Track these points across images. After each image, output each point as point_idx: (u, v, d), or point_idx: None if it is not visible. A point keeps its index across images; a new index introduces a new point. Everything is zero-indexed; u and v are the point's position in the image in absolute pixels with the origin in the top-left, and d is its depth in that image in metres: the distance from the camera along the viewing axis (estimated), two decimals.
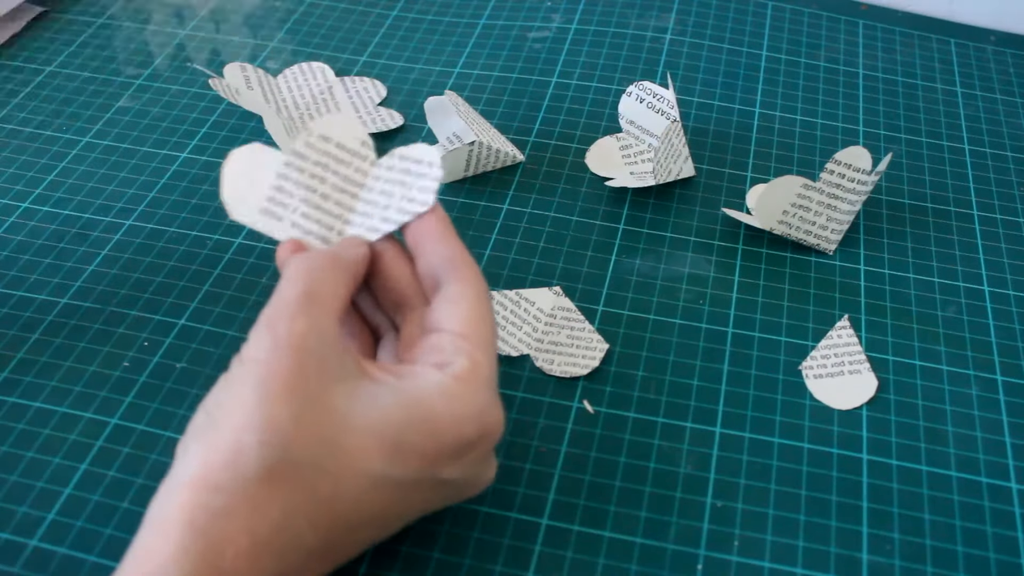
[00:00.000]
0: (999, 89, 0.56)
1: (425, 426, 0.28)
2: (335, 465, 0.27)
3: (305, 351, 0.27)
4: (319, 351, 0.28)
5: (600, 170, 0.49)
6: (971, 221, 0.47)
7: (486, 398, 0.29)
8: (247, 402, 0.26)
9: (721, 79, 0.56)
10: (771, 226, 0.44)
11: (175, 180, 0.48)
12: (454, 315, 0.30)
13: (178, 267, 0.43)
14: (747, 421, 0.38)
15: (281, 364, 0.27)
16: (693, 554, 0.34)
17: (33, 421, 0.37)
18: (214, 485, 0.26)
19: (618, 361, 0.40)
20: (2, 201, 0.47)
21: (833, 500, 0.35)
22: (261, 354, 0.27)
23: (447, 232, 0.32)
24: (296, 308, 0.28)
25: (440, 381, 0.29)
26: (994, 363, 0.40)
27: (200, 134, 0.51)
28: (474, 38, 0.58)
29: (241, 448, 0.26)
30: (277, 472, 0.26)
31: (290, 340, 0.27)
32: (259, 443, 0.26)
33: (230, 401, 0.27)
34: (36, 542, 0.33)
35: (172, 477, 0.27)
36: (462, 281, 0.31)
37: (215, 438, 0.26)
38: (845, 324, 0.42)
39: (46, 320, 0.41)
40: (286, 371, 0.27)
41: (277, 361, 0.27)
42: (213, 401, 0.28)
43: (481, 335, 0.30)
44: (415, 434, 0.28)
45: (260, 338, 0.28)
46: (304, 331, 0.28)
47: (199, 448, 0.26)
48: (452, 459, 0.29)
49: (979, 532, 0.35)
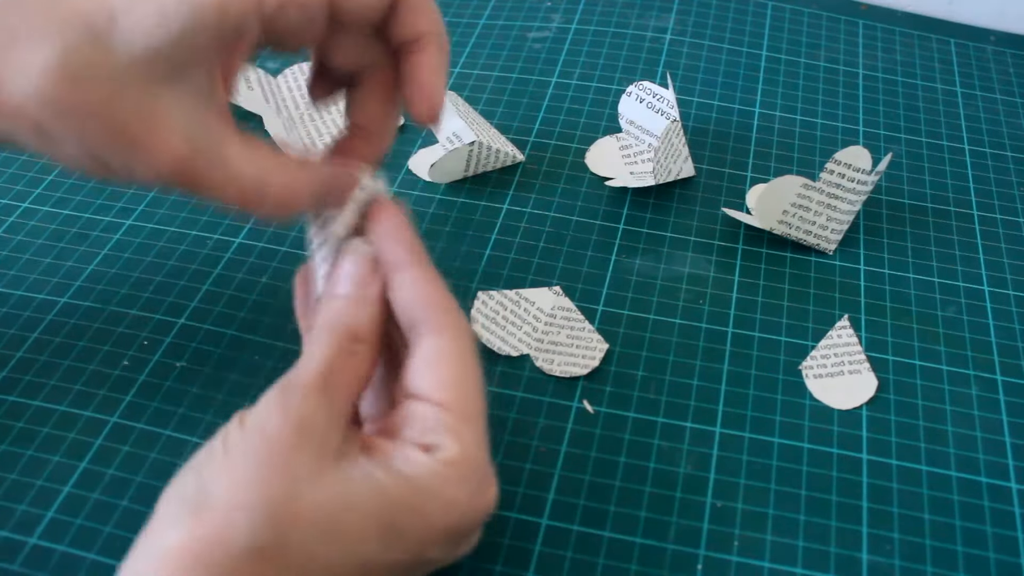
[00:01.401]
0: (999, 89, 0.56)
1: (418, 513, 0.27)
2: (328, 549, 0.26)
3: (312, 431, 0.26)
4: (326, 432, 0.27)
5: (600, 170, 0.49)
6: (971, 221, 0.47)
7: (478, 479, 0.28)
8: (244, 478, 0.25)
9: (721, 79, 0.56)
10: (771, 226, 0.44)
11: None
12: (436, 381, 0.28)
13: (178, 267, 0.43)
14: (747, 421, 0.38)
15: (285, 442, 0.26)
16: (693, 554, 0.34)
17: (33, 419, 0.37)
18: (200, 563, 0.24)
19: (618, 361, 0.40)
20: (2, 201, 0.47)
21: (833, 500, 0.35)
22: (268, 426, 0.26)
23: (424, 262, 0.30)
24: (314, 386, 0.27)
25: (430, 468, 0.27)
26: (994, 363, 0.40)
27: None
28: (474, 38, 0.58)
29: (233, 526, 0.25)
30: (268, 553, 0.25)
31: (301, 419, 0.26)
32: (251, 522, 0.25)
33: (226, 473, 0.26)
34: (35, 540, 0.33)
35: (154, 537, 0.25)
36: (441, 333, 0.29)
37: (205, 512, 0.25)
38: (845, 324, 0.41)
39: (46, 319, 0.41)
40: (289, 450, 0.26)
41: (282, 440, 0.26)
42: (207, 468, 0.26)
43: (467, 405, 0.28)
44: (409, 519, 0.27)
45: (271, 408, 0.27)
46: (315, 411, 0.27)
47: (187, 517, 0.25)
48: (441, 542, 0.28)
49: (979, 532, 0.35)
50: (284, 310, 0.41)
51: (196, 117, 0.28)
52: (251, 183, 0.28)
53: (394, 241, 0.31)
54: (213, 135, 0.28)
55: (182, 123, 0.27)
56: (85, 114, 0.26)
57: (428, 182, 0.48)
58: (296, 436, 0.26)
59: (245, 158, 0.28)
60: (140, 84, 0.26)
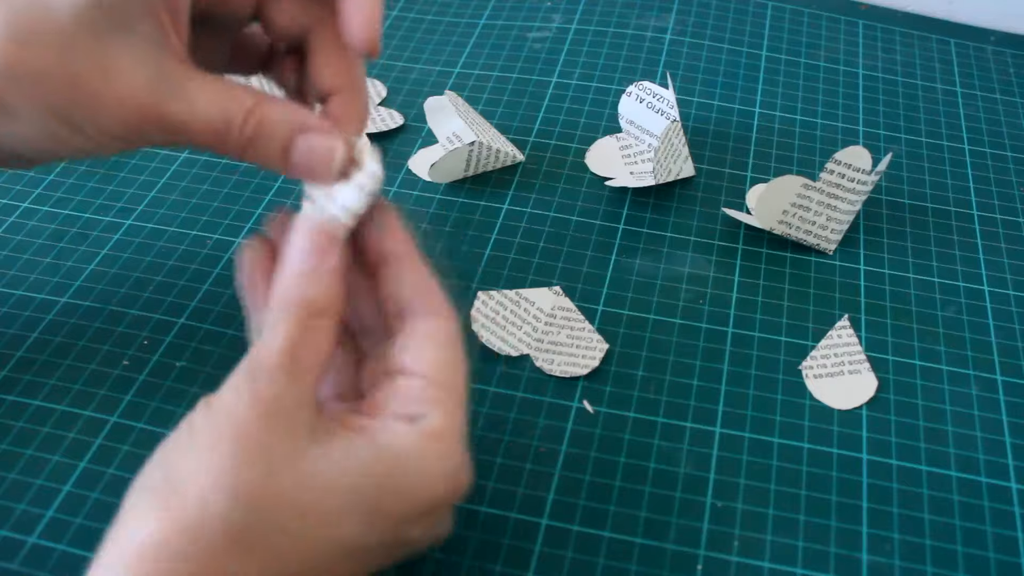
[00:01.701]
0: (999, 89, 0.56)
1: (400, 488, 0.26)
2: (307, 530, 0.25)
3: (282, 412, 0.26)
4: (295, 412, 0.26)
5: (600, 170, 0.49)
6: (971, 221, 0.47)
7: (459, 456, 0.28)
8: (215, 463, 0.25)
9: (721, 79, 0.56)
10: (771, 226, 0.44)
11: (175, 180, 0.48)
12: (424, 357, 0.28)
13: (178, 267, 0.43)
14: (747, 421, 0.38)
15: (255, 424, 0.25)
16: (693, 554, 0.34)
17: (33, 419, 0.37)
18: (176, 553, 0.24)
19: (618, 361, 0.40)
20: (2, 201, 0.47)
21: (833, 500, 0.35)
22: (236, 410, 0.26)
23: (416, 255, 0.30)
24: (279, 365, 0.26)
25: (414, 439, 0.27)
26: (994, 363, 0.40)
27: None
28: (474, 38, 0.58)
29: (207, 513, 0.24)
30: (245, 538, 0.24)
31: (269, 400, 0.26)
32: (226, 506, 0.24)
33: (195, 459, 0.25)
34: (35, 539, 0.33)
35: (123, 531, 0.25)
36: (433, 317, 0.29)
37: (175, 501, 0.24)
38: (845, 324, 0.41)
39: (46, 319, 0.41)
40: (260, 431, 0.25)
41: (252, 422, 0.25)
42: (173, 456, 0.26)
43: (453, 382, 0.28)
44: (390, 496, 0.26)
45: (239, 391, 0.26)
46: (283, 392, 0.26)
47: (155, 510, 0.24)
48: (421, 520, 0.27)
49: (979, 532, 0.35)
50: None
51: (151, 62, 0.27)
52: (218, 115, 0.28)
53: (390, 232, 0.30)
54: (172, 76, 0.28)
55: (138, 69, 0.27)
56: (40, 75, 0.26)
57: (428, 182, 0.48)
58: (266, 418, 0.25)
59: (209, 92, 0.28)
60: (88, 38, 0.27)
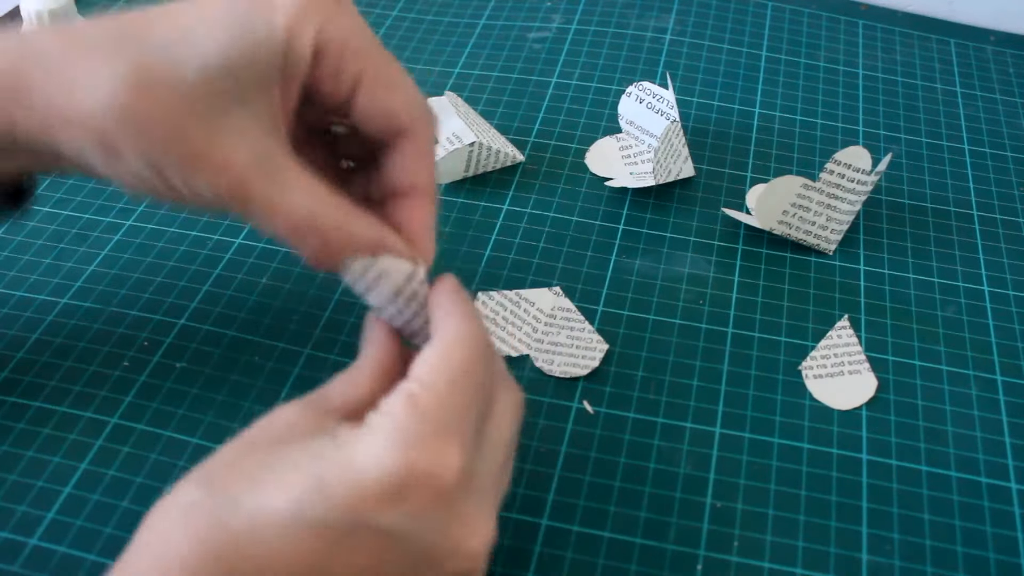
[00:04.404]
0: (999, 89, 0.56)
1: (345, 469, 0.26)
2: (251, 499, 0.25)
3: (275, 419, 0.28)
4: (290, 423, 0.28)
5: (600, 170, 0.49)
6: (971, 221, 0.47)
7: (417, 438, 0.26)
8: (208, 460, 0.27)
9: (721, 79, 0.56)
10: (771, 226, 0.44)
11: None
12: (419, 363, 0.28)
13: (178, 268, 0.43)
14: (747, 421, 0.38)
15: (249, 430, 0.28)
16: (693, 555, 0.34)
17: (33, 420, 0.37)
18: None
19: (618, 361, 0.40)
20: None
21: (833, 500, 0.35)
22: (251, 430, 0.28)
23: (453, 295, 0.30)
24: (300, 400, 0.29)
25: (373, 425, 0.26)
26: (994, 363, 0.40)
27: None
28: (474, 38, 0.58)
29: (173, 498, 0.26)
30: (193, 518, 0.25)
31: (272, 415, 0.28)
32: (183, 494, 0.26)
33: None
34: (36, 541, 0.33)
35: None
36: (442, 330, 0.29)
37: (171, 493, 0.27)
38: (845, 324, 0.42)
39: (46, 320, 0.41)
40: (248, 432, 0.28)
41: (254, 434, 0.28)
42: None
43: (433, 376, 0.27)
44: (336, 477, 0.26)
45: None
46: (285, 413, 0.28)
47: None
48: (384, 503, 0.25)
49: (979, 532, 0.35)
50: (284, 311, 0.41)
51: (259, 140, 0.28)
52: (303, 215, 0.28)
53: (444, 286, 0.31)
54: (273, 159, 0.28)
55: (245, 143, 0.28)
56: (153, 123, 0.27)
57: None
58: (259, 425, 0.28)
59: (302, 188, 0.29)
60: (208, 100, 0.27)
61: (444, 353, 0.28)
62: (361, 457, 0.26)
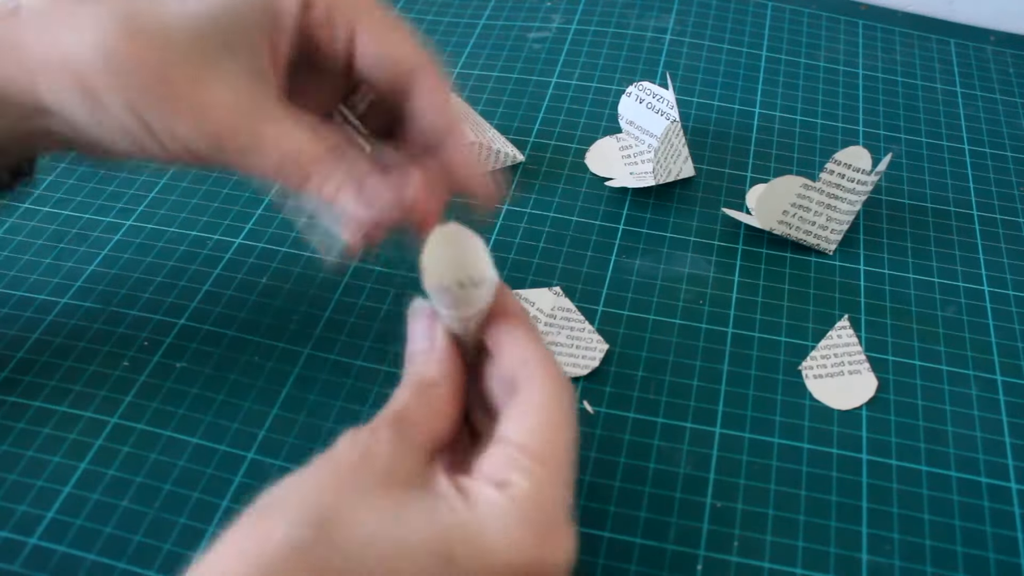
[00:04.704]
0: (999, 89, 0.56)
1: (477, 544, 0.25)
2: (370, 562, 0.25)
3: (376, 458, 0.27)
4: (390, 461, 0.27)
5: (600, 170, 0.49)
6: (971, 221, 0.47)
7: (547, 523, 0.26)
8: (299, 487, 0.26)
9: (721, 79, 0.56)
10: (771, 226, 0.44)
11: (175, 180, 0.48)
12: (520, 425, 0.27)
13: (178, 267, 0.43)
14: (747, 421, 0.38)
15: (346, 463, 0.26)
16: (693, 555, 0.34)
17: (33, 420, 0.37)
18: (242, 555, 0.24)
19: (618, 361, 0.40)
20: (3, 201, 0.47)
21: (833, 500, 0.35)
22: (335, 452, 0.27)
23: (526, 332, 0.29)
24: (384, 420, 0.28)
25: (496, 501, 0.26)
26: (994, 363, 0.40)
27: None
28: (474, 38, 0.58)
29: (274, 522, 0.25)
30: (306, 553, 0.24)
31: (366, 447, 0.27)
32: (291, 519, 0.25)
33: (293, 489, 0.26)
34: (36, 540, 0.33)
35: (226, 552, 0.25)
36: (539, 384, 0.28)
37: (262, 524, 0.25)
38: (845, 324, 0.42)
39: (46, 320, 0.41)
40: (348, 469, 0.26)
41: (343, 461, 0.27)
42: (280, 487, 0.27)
43: (546, 450, 0.27)
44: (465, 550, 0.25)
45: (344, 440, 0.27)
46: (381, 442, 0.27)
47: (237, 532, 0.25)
48: None
49: (978, 532, 0.35)
50: (284, 311, 0.41)
51: (243, 86, 0.28)
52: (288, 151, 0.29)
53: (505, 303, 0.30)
54: (260, 104, 0.29)
55: (229, 88, 0.28)
56: (136, 68, 0.27)
57: None
58: (358, 460, 0.26)
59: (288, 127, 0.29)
60: (192, 49, 0.28)
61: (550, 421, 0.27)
62: (491, 535, 0.25)
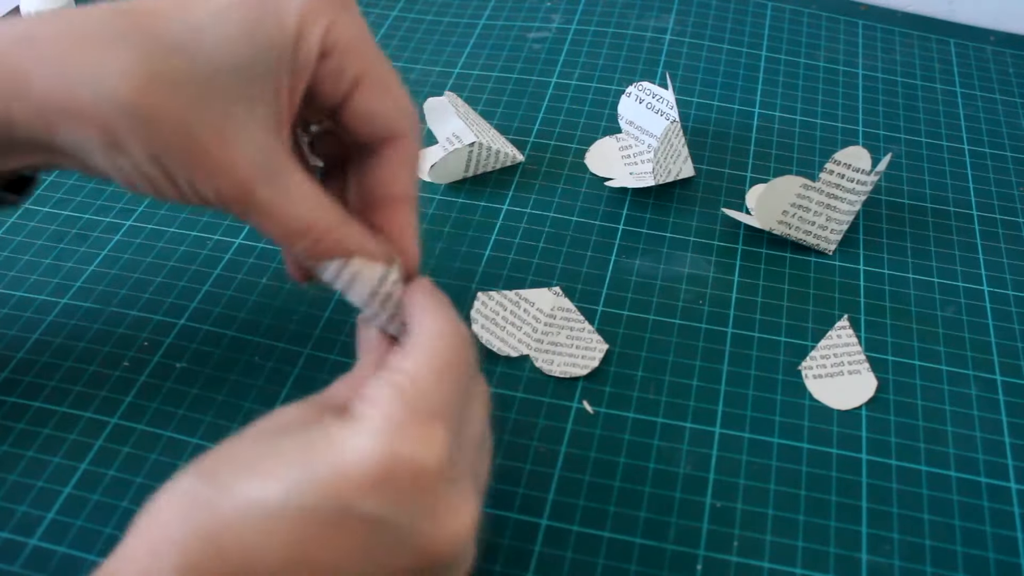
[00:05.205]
0: (999, 89, 0.56)
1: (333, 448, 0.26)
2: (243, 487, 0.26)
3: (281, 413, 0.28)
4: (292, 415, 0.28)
5: (600, 170, 0.49)
6: (971, 221, 0.47)
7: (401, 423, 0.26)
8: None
9: (721, 79, 0.56)
10: (771, 226, 0.44)
11: None
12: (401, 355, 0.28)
13: (178, 268, 0.43)
14: (746, 421, 0.38)
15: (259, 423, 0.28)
16: (692, 554, 0.34)
17: (33, 421, 0.37)
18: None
19: (618, 361, 0.40)
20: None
21: (832, 500, 0.35)
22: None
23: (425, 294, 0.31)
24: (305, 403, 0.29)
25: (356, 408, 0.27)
26: (993, 363, 0.40)
27: None
28: (474, 38, 0.58)
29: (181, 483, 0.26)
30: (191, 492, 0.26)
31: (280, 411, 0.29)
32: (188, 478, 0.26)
33: None
34: (36, 541, 0.33)
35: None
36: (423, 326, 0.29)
37: None
38: (844, 324, 0.42)
39: (46, 320, 0.41)
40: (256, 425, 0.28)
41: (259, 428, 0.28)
42: None
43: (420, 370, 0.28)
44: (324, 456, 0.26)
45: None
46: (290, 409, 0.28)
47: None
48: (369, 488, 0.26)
49: (978, 532, 0.35)
50: (284, 311, 0.41)
51: (263, 143, 0.28)
52: (300, 221, 0.29)
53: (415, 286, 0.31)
54: (276, 163, 0.28)
55: (252, 144, 0.28)
56: (161, 120, 0.26)
57: (428, 182, 0.48)
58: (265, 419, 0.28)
59: (302, 194, 0.29)
60: (218, 99, 0.27)
61: (428, 346, 0.28)
62: (348, 445, 0.26)
